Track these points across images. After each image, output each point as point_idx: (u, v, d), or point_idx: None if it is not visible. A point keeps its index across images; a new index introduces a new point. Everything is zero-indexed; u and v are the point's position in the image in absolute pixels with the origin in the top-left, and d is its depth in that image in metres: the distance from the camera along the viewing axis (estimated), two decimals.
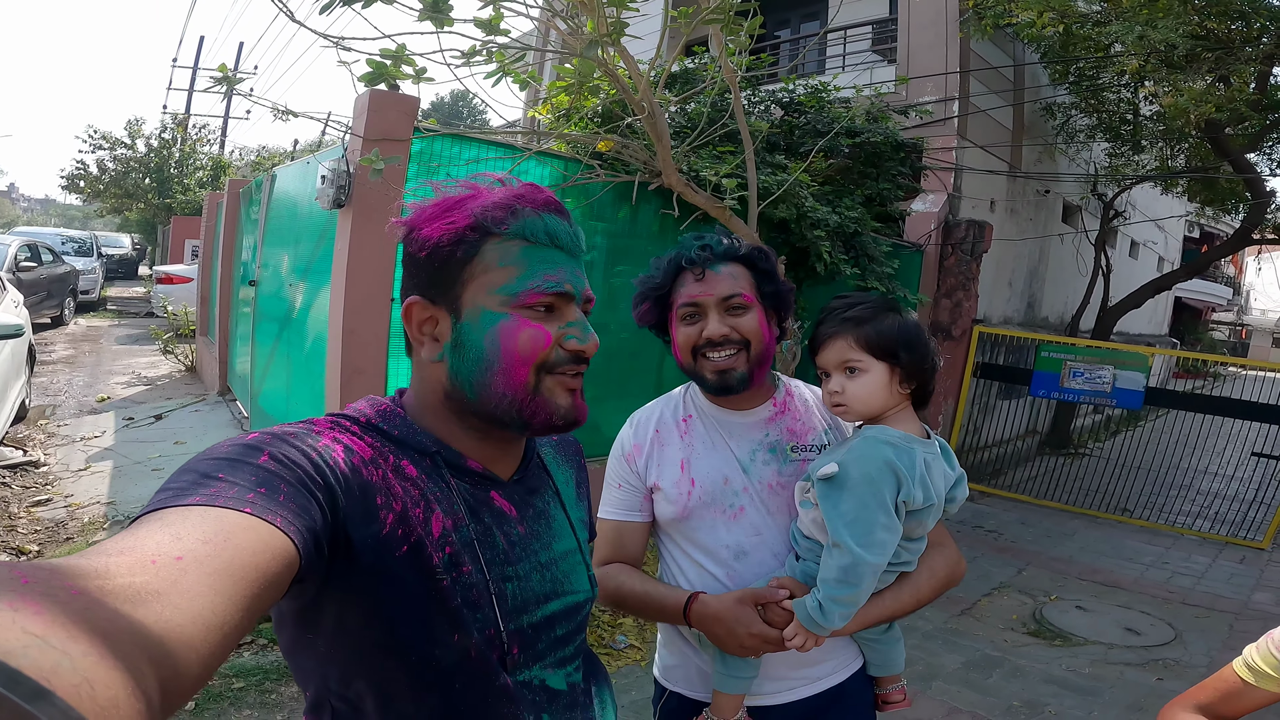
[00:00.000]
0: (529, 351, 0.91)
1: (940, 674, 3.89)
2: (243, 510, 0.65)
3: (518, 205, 0.92)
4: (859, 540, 1.29)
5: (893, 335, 1.37)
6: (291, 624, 0.87)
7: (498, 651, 0.91)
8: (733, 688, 1.46)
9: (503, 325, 0.91)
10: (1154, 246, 15.95)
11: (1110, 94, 8.83)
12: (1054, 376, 7.43)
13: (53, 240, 16.15)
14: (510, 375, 0.91)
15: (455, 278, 0.92)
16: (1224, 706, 1.28)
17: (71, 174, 23.13)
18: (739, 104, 3.99)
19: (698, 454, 1.53)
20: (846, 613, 1.32)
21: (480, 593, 0.90)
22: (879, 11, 9.25)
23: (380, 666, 0.86)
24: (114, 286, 20.42)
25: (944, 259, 7.71)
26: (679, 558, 1.56)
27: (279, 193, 6.24)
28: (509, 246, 0.91)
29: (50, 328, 12.54)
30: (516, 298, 0.91)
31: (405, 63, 3.36)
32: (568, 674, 1.03)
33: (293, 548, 0.67)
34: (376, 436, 0.91)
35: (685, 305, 1.49)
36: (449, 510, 0.90)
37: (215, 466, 0.71)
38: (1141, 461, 7.75)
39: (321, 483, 0.77)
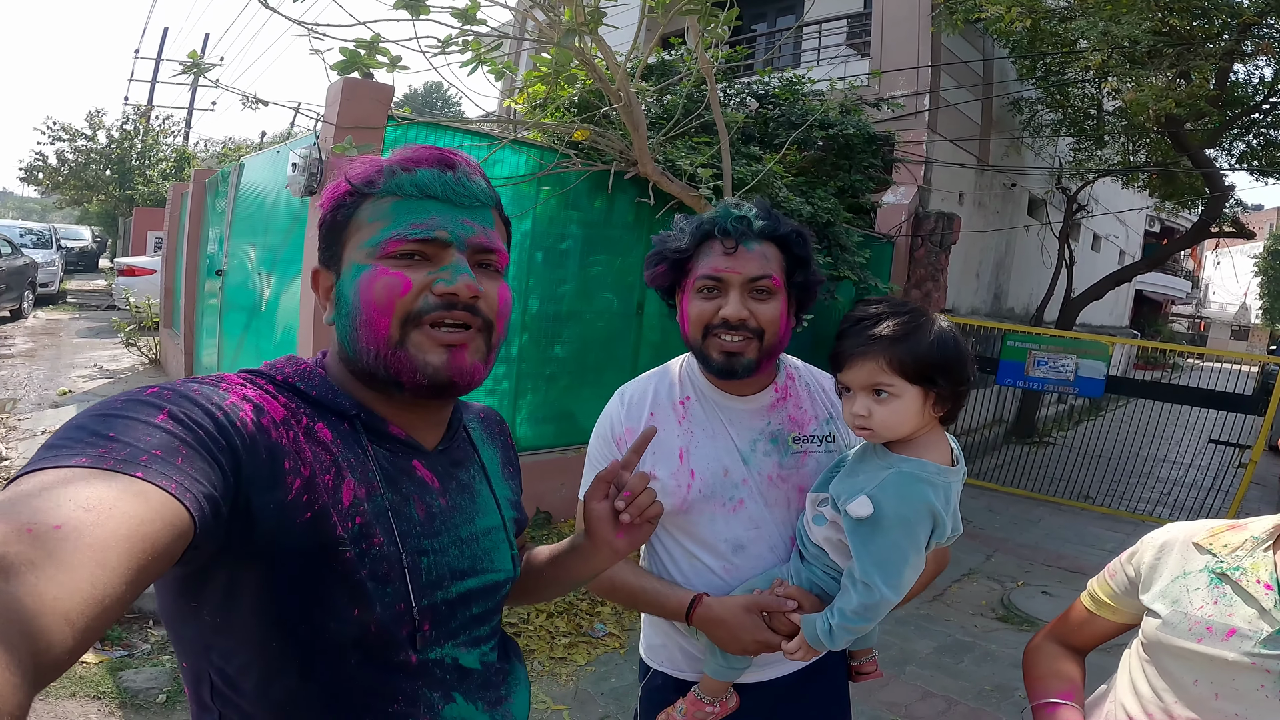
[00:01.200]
0: (384, 299, 0.86)
1: (913, 659, 3.95)
2: (133, 475, 0.61)
3: (394, 165, 0.90)
4: (888, 581, 1.21)
5: (931, 358, 1.21)
6: (174, 590, 0.81)
7: (408, 627, 0.87)
8: (727, 676, 1.44)
9: (363, 275, 0.88)
10: (1115, 240, 16.29)
11: (1075, 89, 8.99)
12: (1019, 365, 7.57)
13: (10, 233, 15.74)
14: (371, 327, 0.87)
15: (338, 240, 0.91)
16: (1074, 636, 1.39)
17: (30, 165, 22.61)
18: (715, 95, 4.01)
19: (697, 443, 1.44)
20: (854, 639, 1.30)
21: (391, 565, 0.85)
22: (853, 6, 9.33)
23: (266, 639, 0.81)
24: (74, 279, 19.96)
25: (914, 250, 7.82)
26: (671, 549, 1.49)
27: (247, 183, 6.15)
28: (381, 204, 0.89)
29: (9, 321, 12.23)
30: (379, 247, 0.88)
31: (380, 52, 3.34)
32: (482, 653, 0.99)
33: (187, 516, 0.63)
34: (292, 396, 0.87)
35: (707, 278, 1.37)
36: (362, 478, 0.86)
37: (107, 424, 0.66)
38: (1103, 450, 7.93)
39: (225, 444, 0.73)
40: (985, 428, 9.06)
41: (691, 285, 1.40)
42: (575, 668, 3.48)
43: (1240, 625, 1.08)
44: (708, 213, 1.42)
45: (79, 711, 2.80)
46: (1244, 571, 1.12)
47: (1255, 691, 1.05)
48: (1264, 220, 30.77)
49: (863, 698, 3.36)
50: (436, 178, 0.89)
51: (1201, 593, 1.14)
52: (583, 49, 3.44)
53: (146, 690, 2.99)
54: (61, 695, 2.86)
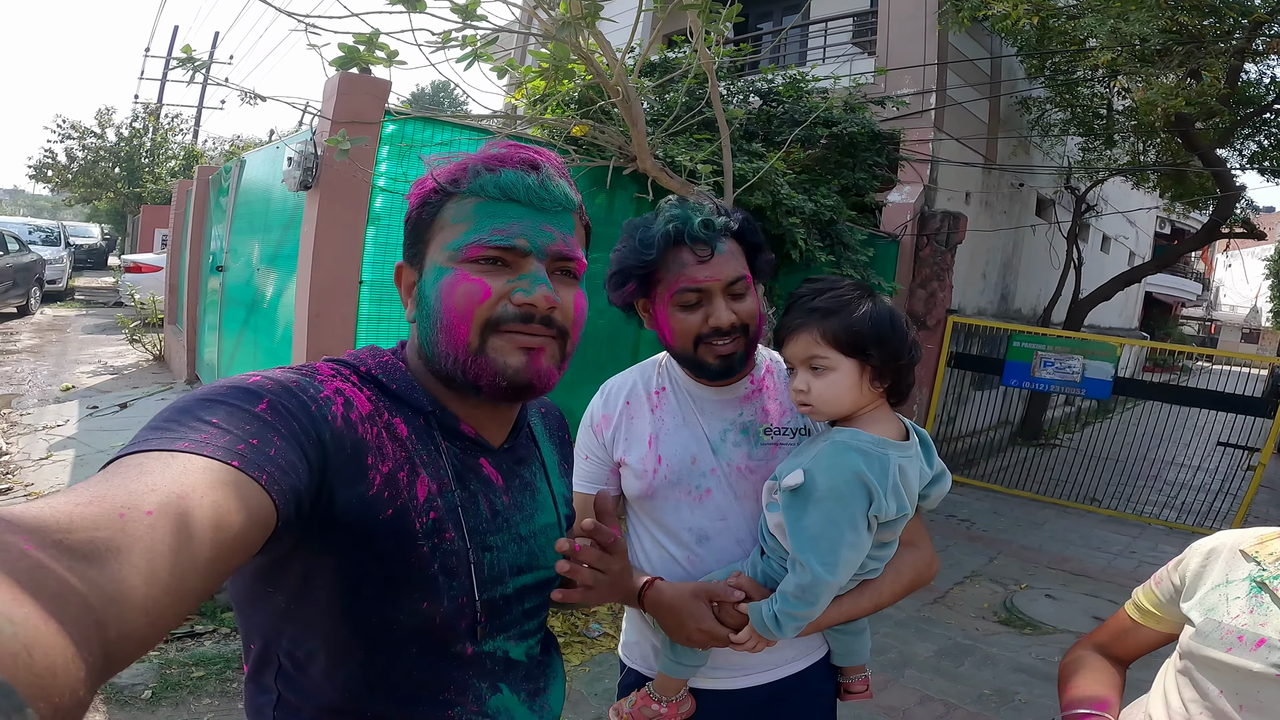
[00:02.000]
0: (465, 306, 0.87)
1: (913, 662, 3.90)
2: (230, 464, 0.62)
3: (479, 164, 0.90)
4: (821, 559, 1.20)
5: (863, 330, 1.23)
6: (251, 575, 0.83)
7: (468, 620, 0.90)
8: (677, 673, 1.42)
9: (444, 280, 0.88)
10: (1125, 241, 16.15)
11: (1084, 88, 8.90)
12: (1025, 366, 7.50)
13: (19, 229, 15.82)
14: (451, 332, 0.88)
15: (423, 238, 0.92)
16: (1117, 645, 1.35)
17: (40, 163, 22.75)
18: (715, 91, 3.97)
19: (667, 430, 1.45)
20: (800, 626, 1.26)
21: (459, 560, 0.88)
22: (859, 4, 9.27)
23: (336, 628, 0.83)
24: (82, 276, 20.09)
25: (919, 249, 7.75)
26: (642, 536, 1.51)
27: (248, 178, 6.14)
28: (465, 204, 0.89)
29: (16, 317, 12.30)
30: (460, 251, 0.88)
31: (378, 48, 3.31)
32: (529, 646, 1.02)
33: (273, 508, 0.64)
34: (375, 390, 0.88)
35: (687, 290, 1.33)
36: (435, 475, 0.88)
37: (210, 409, 0.68)
38: (1110, 452, 7.85)
39: (316, 438, 0.75)
40: (991, 429, 9.00)
41: (668, 298, 1.36)
42: (569, 667, 3.44)
43: (1271, 635, 1.03)
44: (662, 218, 1.36)
45: None
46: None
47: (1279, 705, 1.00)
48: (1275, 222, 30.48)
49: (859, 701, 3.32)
50: (520, 180, 0.89)
51: (1240, 601, 1.10)
52: (580, 43, 3.41)
53: (132, 686, 2.96)
54: None
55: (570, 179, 0.96)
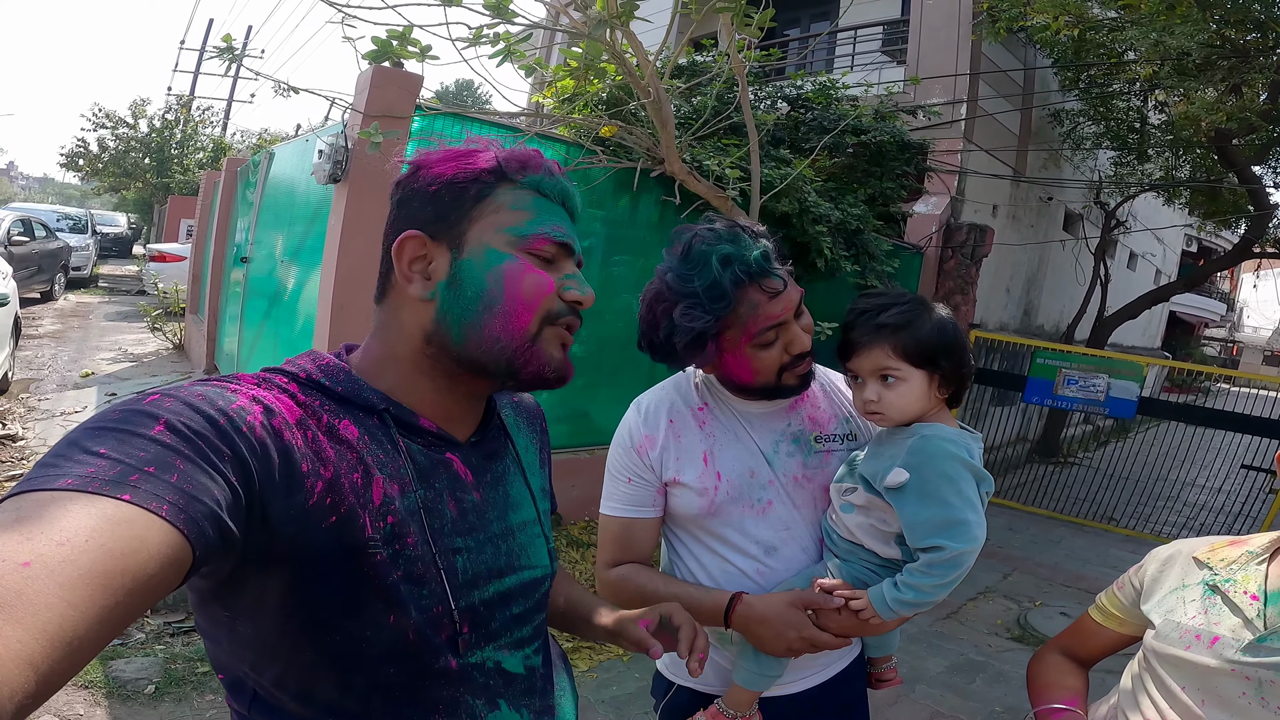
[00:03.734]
0: (533, 296, 0.87)
1: (924, 677, 3.85)
2: (120, 498, 0.57)
3: (537, 160, 0.91)
4: (954, 537, 1.23)
5: (933, 342, 1.30)
6: (205, 599, 0.78)
7: (447, 631, 0.84)
8: (758, 685, 1.41)
9: (509, 265, 0.87)
10: (1152, 259, 15.99)
11: (1119, 102, 8.80)
12: (1048, 384, 7.41)
13: (48, 216, 15.98)
14: (511, 319, 0.87)
15: (464, 214, 0.88)
16: (1079, 647, 1.44)
17: (72, 152, 23.02)
18: (745, 95, 3.95)
19: (721, 445, 1.42)
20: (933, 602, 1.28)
21: (426, 566, 0.82)
22: (890, 13, 9.23)
23: (297, 649, 0.78)
24: (107, 264, 20.31)
25: (944, 261, 7.70)
26: (699, 554, 1.46)
27: (276, 171, 6.18)
28: (523, 194, 0.90)
29: (40, 302, 12.41)
30: (526, 240, 0.88)
31: (411, 42, 3.32)
32: (526, 656, 0.96)
33: (180, 540, 0.59)
34: (315, 394, 0.83)
35: (767, 330, 1.30)
36: (394, 474, 0.83)
37: (99, 438, 0.62)
38: (1129, 472, 7.75)
39: (229, 454, 0.68)
40: (1008, 445, 8.91)
41: (744, 341, 1.32)
42: (577, 674, 3.42)
43: (1224, 634, 1.13)
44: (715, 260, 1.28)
45: (63, 700, 2.75)
46: (1234, 583, 1.18)
47: (1238, 699, 1.09)
48: None
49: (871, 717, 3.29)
50: (570, 191, 0.94)
51: (1195, 603, 1.20)
52: (613, 42, 3.40)
53: (135, 680, 2.94)
54: None
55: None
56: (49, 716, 2.64)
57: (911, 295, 1.37)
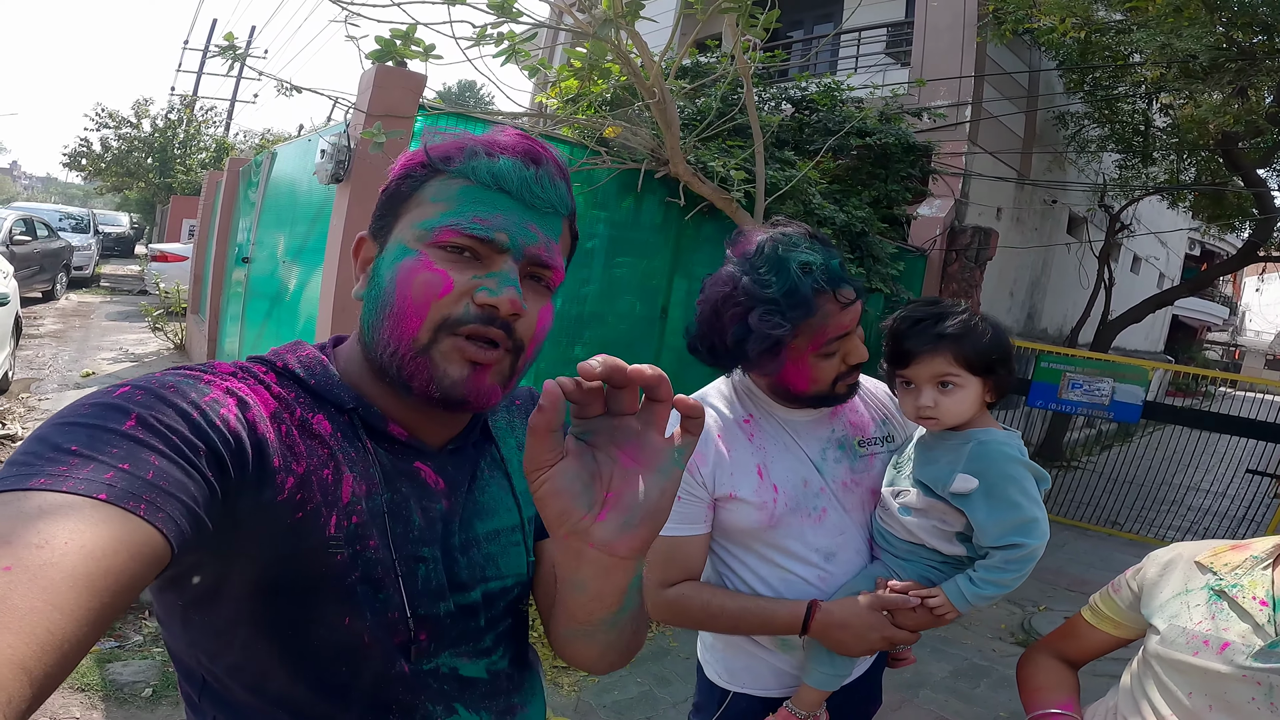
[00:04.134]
0: (421, 297, 0.77)
1: (928, 682, 3.83)
2: (96, 497, 0.55)
3: (476, 145, 0.81)
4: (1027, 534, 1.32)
5: (991, 351, 1.37)
6: (161, 588, 0.76)
7: (401, 637, 0.81)
8: (832, 685, 1.45)
9: (404, 262, 0.79)
10: (1156, 262, 15.96)
11: (1125, 105, 8.77)
12: (1052, 387, 7.38)
13: (50, 216, 15.98)
14: (398, 322, 0.78)
15: (395, 212, 0.83)
16: (1070, 647, 1.44)
17: (75, 151, 23.05)
18: (750, 97, 3.94)
19: (773, 457, 1.43)
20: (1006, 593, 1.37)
21: (385, 571, 0.79)
22: (895, 14, 9.21)
23: (253, 642, 0.76)
24: (110, 264, 20.31)
25: (947, 264, 7.66)
26: (758, 567, 1.46)
27: (278, 171, 6.16)
28: (450, 184, 0.81)
29: (41, 302, 12.41)
30: (431, 233, 0.79)
31: (414, 42, 3.31)
32: (491, 662, 0.91)
33: (159, 539, 0.57)
34: (291, 385, 0.80)
35: (834, 340, 1.33)
36: (363, 474, 0.79)
37: (70, 435, 0.60)
38: (1133, 476, 7.73)
39: (204, 448, 0.66)
40: None
41: (810, 350, 1.34)
42: (578, 678, 3.39)
43: (1234, 639, 1.13)
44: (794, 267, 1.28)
45: (59, 703, 2.73)
46: (1241, 589, 1.17)
47: (1247, 704, 1.09)
48: None
49: None
50: (516, 170, 0.80)
51: (1200, 609, 1.20)
52: (618, 42, 3.39)
53: (133, 684, 2.92)
54: None
55: (570, 183, 0.88)
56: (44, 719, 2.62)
57: (962, 305, 1.44)
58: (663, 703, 3.26)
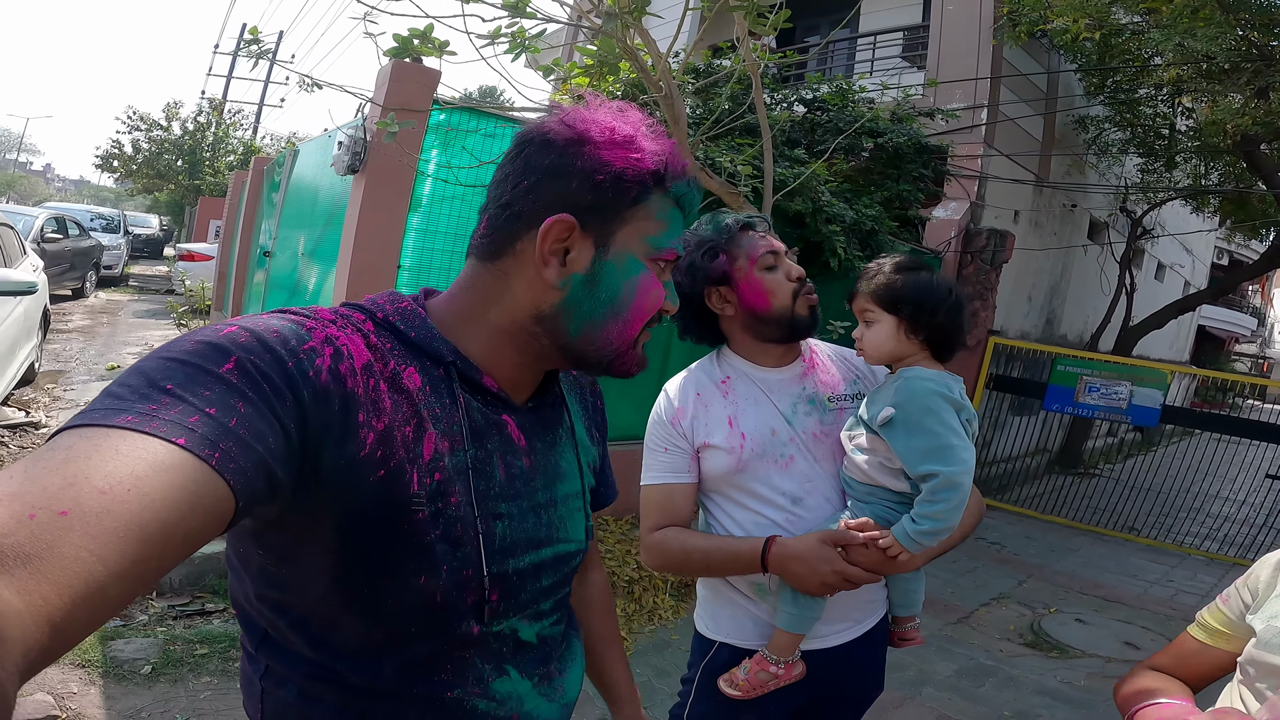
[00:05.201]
0: (650, 309, 0.90)
1: (931, 680, 3.81)
2: (174, 441, 0.56)
3: (676, 165, 0.89)
4: (942, 462, 1.39)
5: (897, 290, 1.49)
6: (240, 536, 0.79)
7: (475, 595, 0.82)
8: (799, 627, 1.50)
9: (642, 277, 0.89)
10: (1180, 270, 15.72)
11: (1146, 107, 8.69)
12: (1069, 391, 7.33)
13: (81, 216, 16.26)
14: (628, 326, 0.89)
15: (619, 214, 0.85)
16: (1181, 668, 1.28)
17: (107, 153, 23.46)
18: (759, 92, 3.96)
19: (743, 410, 1.58)
20: (942, 530, 1.41)
21: (466, 528, 0.81)
22: (911, 19, 9.20)
23: (327, 596, 0.78)
24: (138, 264, 20.66)
25: (962, 267, 7.63)
26: (732, 511, 1.60)
27: (300, 168, 6.28)
28: (667, 202, 0.89)
29: (71, 299, 12.64)
30: (660, 251, 0.89)
31: (430, 39, 3.38)
32: (543, 628, 0.94)
33: (226, 491, 0.58)
34: (388, 336, 0.82)
35: (767, 254, 1.57)
36: (446, 430, 0.81)
37: (169, 371, 0.61)
38: (1153, 483, 7.64)
39: (292, 399, 0.67)
40: (1027, 456, 8.80)
41: (751, 267, 1.57)
42: None
43: None
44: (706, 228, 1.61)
45: (58, 678, 2.78)
46: None
47: None
48: None
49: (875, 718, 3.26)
50: (693, 199, 0.93)
51: None
52: (625, 37, 3.43)
53: (133, 661, 2.96)
54: None
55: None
56: (42, 694, 2.66)
57: (907, 256, 1.59)
58: (661, 694, 3.27)
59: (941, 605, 4.82)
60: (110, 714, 2.65)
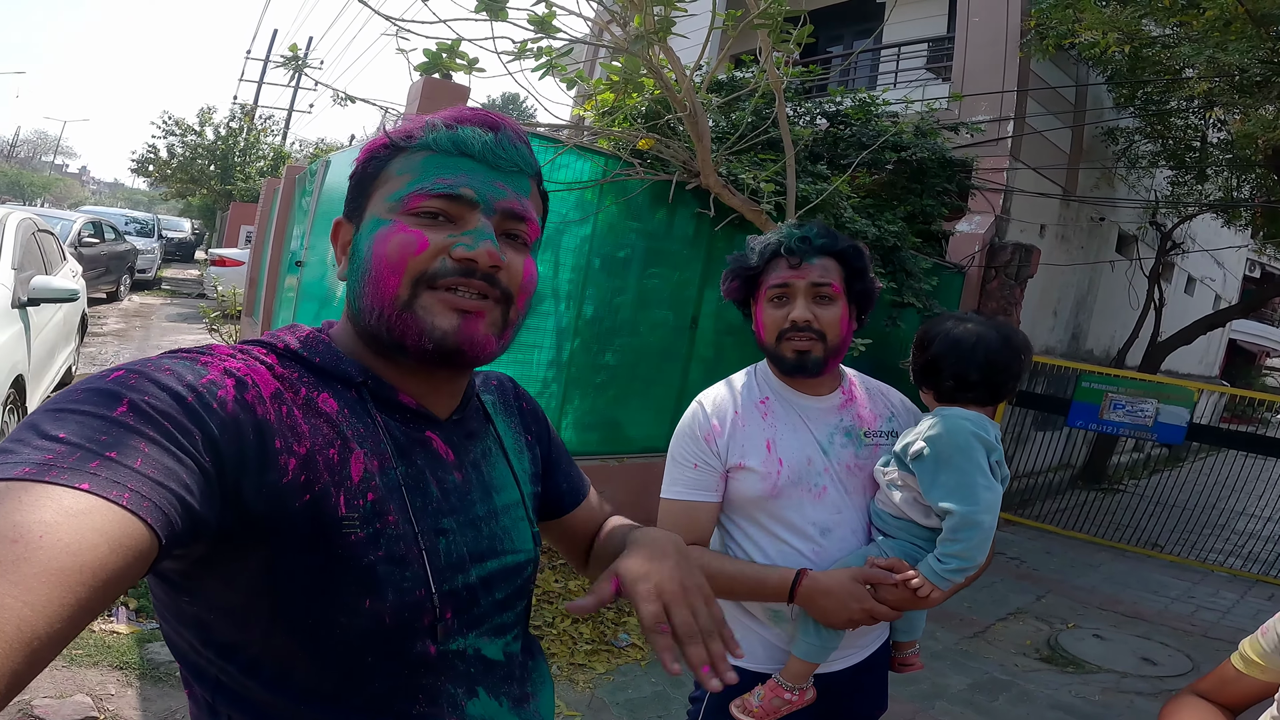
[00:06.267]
0: (397, 257, 0.80)
1: (945, 694, 3.82)
2: (78, 487, 0.54)
3: (435, 120, 0.86)
4: (965, 501, 1.42)
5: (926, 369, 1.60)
6: (165, 585, 0.74)
7: (429, 616, 0.80)
8: (818, 657, 1.52)
9: (380, 230, 0.82)
10: (1211, 284, 15.48)
11: (1177, 119, 8.60)
12: (1093, 408, 7.28)
13: (117, 219, 16.60)
14: (380, 284, 0.81)
15: (365, 193, 0.87)
16: (1219, 694, 1.34)
17: (142, 157, 23.92)
18: (782, 109, 4.00)
19: (781, 435, 1.58)
20: (967, 567, 1.45)
21: (408, 546, 0.79)
22: (935, 30, 9.18)
23: (270, 634, 0.74)
24: (171, 268, 21.01)
25: (986, 282, 7.61)
26: (756, 537, 1.60)
27: (332, 179, 6.38)
28: (413, 157, 0.84)
29: (106, 302, 12.91)
30: (402, 202, 0.82)
31: (460, 55, 3.47)
32: (506, 643, 0.92)
33: (143, 531, 0.56)
34: (294, 365, 0.80)
35: (776, 287, 1.57)
36: (374, 449, 0.80)
37: (60, 421, 0.59)
38: (1178, 500, 7.57)
39: (199, 434, 0.65)
40: (1050, 471, 8.73)
41: (764, 296, 1.60)
42: (594, 675, 3.47)
43: None
44: (772, 234, 1.61)
45: (97, 680, 2.85)
46: None
47: None
48: None
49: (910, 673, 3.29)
50: (476, 136, 0.84)
51: None
52: (650, 57, 3.49)
53: (170, 663, 3.01)
54: (85, 663, 2.91)
55: (531, 147, 0.91)
56: (81, 695, 2.73)
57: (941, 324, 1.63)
58: (676, 703, 3.30)
59: (958, 619, 4.83)
60: (146, 715, 2.73)
